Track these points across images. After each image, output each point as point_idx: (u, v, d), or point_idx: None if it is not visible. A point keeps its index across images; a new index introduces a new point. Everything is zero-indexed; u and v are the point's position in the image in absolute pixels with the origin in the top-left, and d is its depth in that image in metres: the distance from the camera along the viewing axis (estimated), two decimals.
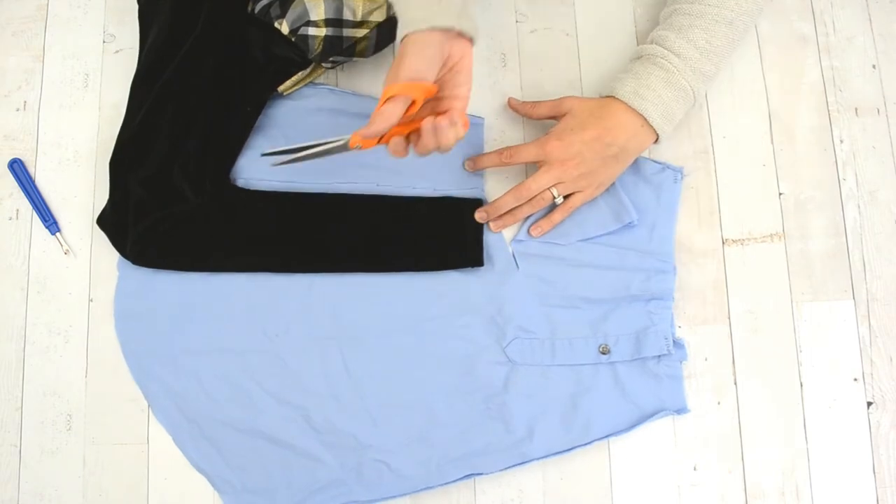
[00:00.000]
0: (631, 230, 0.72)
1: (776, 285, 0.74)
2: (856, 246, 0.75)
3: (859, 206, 0.76)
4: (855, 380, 0.72)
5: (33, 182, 0.73)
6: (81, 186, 0.73)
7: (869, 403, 0.72)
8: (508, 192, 0.69)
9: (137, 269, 0.70)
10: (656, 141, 0.68)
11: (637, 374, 0.69)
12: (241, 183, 0.71)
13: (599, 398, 0.69)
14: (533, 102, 0.72)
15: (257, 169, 0.72)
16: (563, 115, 0.69)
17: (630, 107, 0.66)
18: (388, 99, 0.58)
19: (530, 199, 0.69)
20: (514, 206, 0.70)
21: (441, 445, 0.68)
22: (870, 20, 0.80)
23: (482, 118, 0.75)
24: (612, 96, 0.67)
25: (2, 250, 0.72)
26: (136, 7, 0.75)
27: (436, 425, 0.68)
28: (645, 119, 0.66)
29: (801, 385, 0.72)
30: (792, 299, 0.73)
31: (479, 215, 0.71)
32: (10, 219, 0.73)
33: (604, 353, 0.69)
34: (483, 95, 0.76)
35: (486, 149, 0.75)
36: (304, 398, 0.68)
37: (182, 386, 0.69)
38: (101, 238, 0.72)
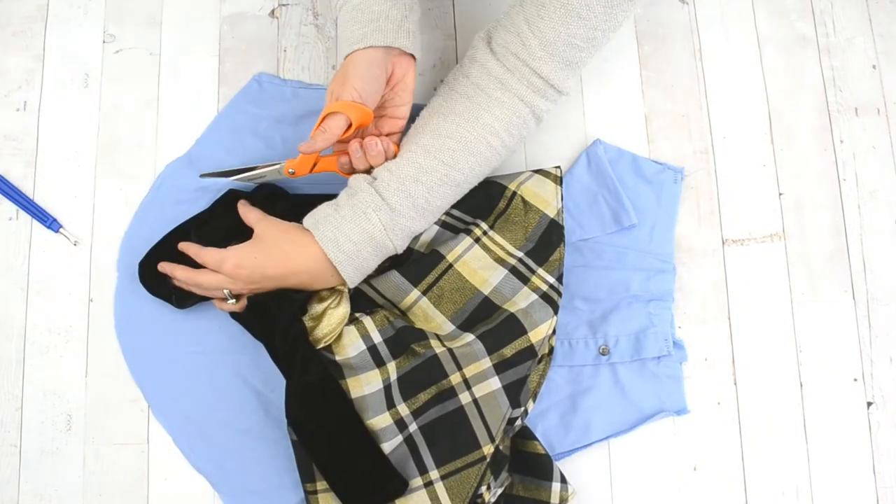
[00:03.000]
0: (630, 230, 0.72)
1: (776, 285, 0.74)
2: (856, 246, 0.75)
3: (859, 206, 0.76)
4: (855, 380, 0.72)
5: (17, 189, 0.72)
6: (81, 186, 0.73)
7: (869, 403, 0.72)
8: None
9: (136, 270, 0.69)
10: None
11: (637, 374, 0.69)
12: None
13: (599, 399, 0.69)
14: (248, 206, 0.67)
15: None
16: (252, 228, 0.64)
17: (326, 254, 0.61)
18: (328, 115, 0.59)
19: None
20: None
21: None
22: (870, 20, 0.80)
23: None
24: (311, 232, 0.61)
25: (2, 250, 0.72)
26: (136, 7, 0.75)
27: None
28: (336, 271, 0.61)
29: (801, 385, 0.72)
30: (792, 299, 0.73)
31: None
32: (10, 219, 0.73)
33: (603, 354, 0.69)
34: None
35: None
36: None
37: (182, 387, 0.69)
38: (101, 238, 0.72)
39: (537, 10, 0.58)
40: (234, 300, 0.64)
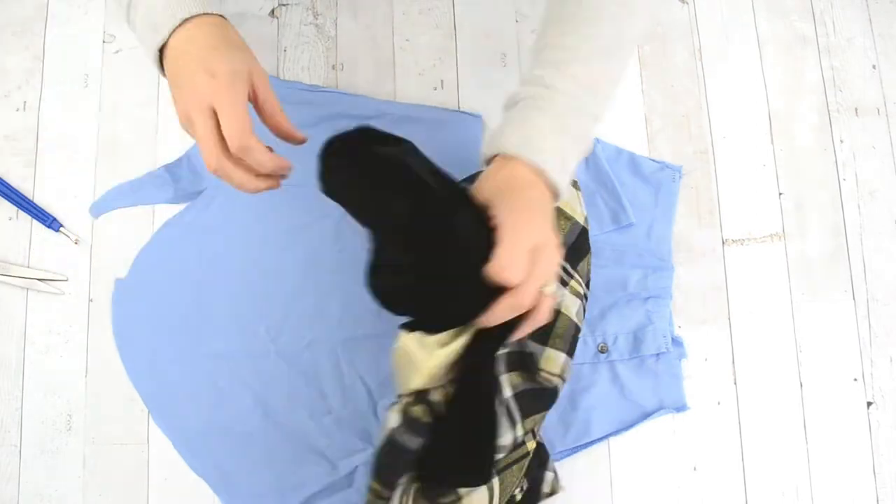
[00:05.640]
0: (629, 229, 0.72)
1: (776, 285, 0.74)
2: (856, 246, 0.75)
3: (859, 206, 0.76)
4: (855, 380, 0.72)
5: (15, 189, 0.73)
6: (81, 186, 0.73)
7: (869, 403, 0.72)
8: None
9: (134, 273, 0.69)
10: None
11: (636, 372, 0.69)
12: None
13: (598, 397, 0.69)
14: None
15: None
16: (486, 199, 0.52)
17: (527, 162, 0.50)
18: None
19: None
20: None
21: None
22: (870, 21, 0.80)
23: (480, 114, 0.75)
24: (498, 155, 0.52)
25: (2, 250, 0.72)
26: None
27: None
28: (542, 170, 0.50)
29: (801, 385, 0.72)
30: (792, 299, 0.73)
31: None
32: (10, 219, 0.73)
33: (602, 352, 0.69)
34: (483, 95, 0.76)
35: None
36: (302, 401, 0.68)
37: (180, 391, 0.69)
38: (101, 238, 0.72)
39: None
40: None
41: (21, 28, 0.76)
